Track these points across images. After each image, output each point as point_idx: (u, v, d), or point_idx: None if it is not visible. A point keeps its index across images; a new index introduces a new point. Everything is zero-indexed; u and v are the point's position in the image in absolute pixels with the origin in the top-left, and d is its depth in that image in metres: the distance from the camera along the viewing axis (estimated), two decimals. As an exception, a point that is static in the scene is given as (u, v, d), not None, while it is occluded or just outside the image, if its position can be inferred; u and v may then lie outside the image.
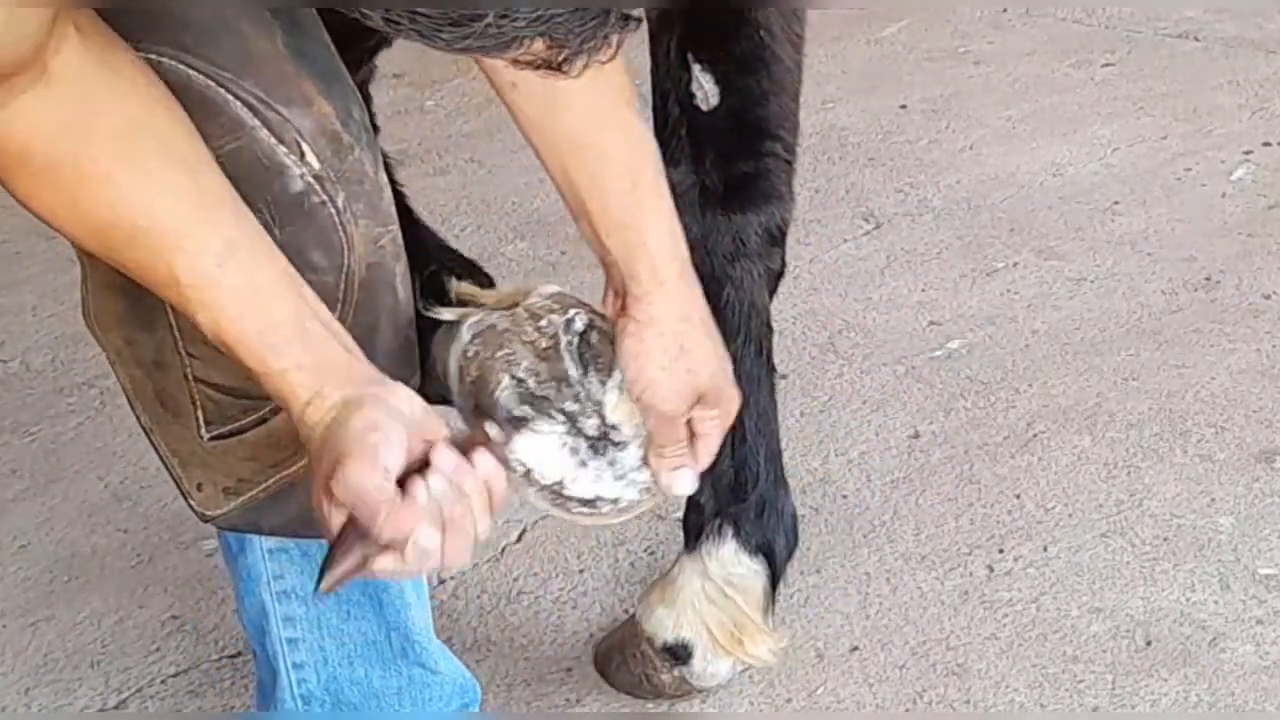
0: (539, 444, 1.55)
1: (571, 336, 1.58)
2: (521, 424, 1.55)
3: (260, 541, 1.68)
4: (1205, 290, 2.90)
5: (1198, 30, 3.85)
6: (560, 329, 1.58)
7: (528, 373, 1.55)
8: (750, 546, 2.08)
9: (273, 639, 1.74)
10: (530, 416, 1.54)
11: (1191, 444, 2.52)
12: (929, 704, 2.11)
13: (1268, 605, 2.21)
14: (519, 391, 1.55)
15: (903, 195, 3.29)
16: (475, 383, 1.56)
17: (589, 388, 1.57)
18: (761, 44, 1.92)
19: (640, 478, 1.59)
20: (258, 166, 1.41)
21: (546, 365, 1.56)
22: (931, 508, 2.44)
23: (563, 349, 1.57)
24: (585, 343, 1.59)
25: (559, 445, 1.56)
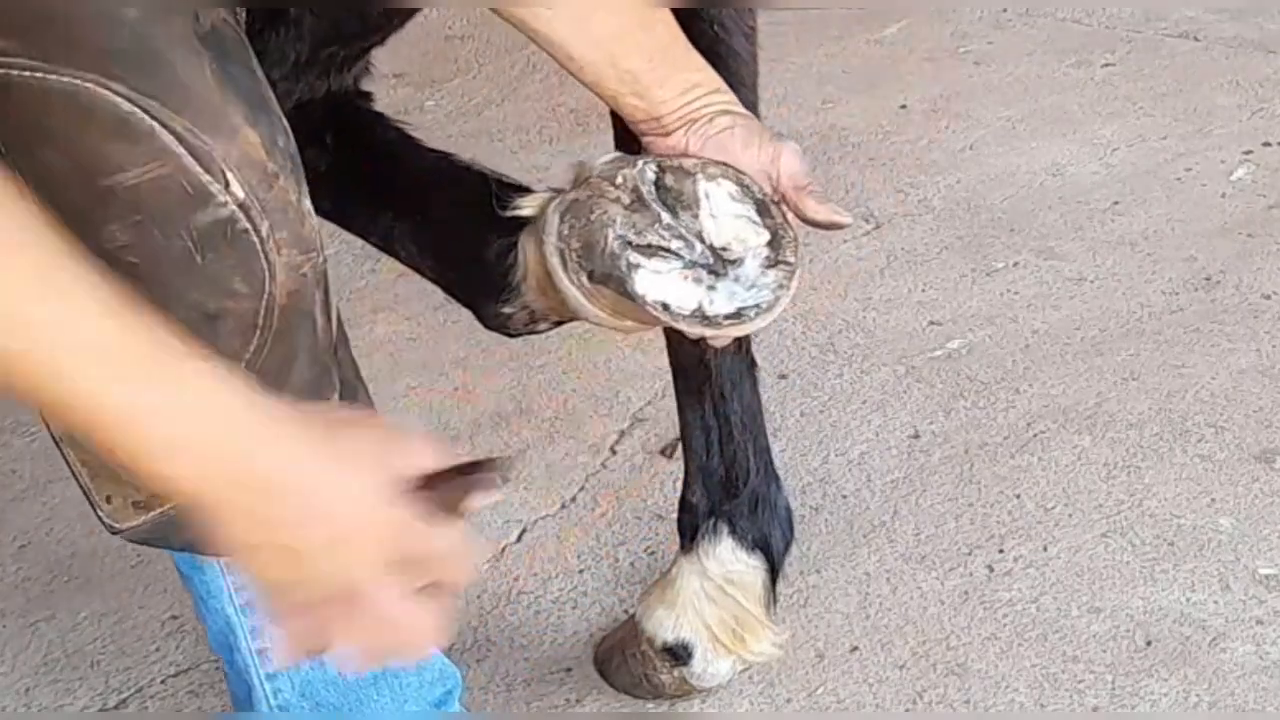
0: (664, 282, 1.59)
1: (649, 186, 1.62)
2: (638, 269, 1.58)
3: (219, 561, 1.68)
4: (1205, 290, 2.90)
5: (1198, 30, 3.84)
6: (637, 180, 1.62)
7: (625, 226, 1.59)
8: (746, 543, 2.08)
9: (242, 653, 1.74)
10: (644, 262, 1.58)
11: (1192, 444, 2.52)
12: (929, 704, 2.11)
13: (1268, 605, 2.21)
14: (626, 242, 1.59)
15: (903, 195, 3.29)
16: (582, 252, 1.60)
17: (684, 223, 1.62)
18: (716, 39, 1.91)
19: (769, 279, 1.63)
20: (182, 194, 1.40)
21: (638, 215, 1.60)
22: (931, 508, 2.44)
23: (647, 198, 1.61)
24: (662, 187, 1.63)
25: (682, 279, 1.60)
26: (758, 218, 1.64)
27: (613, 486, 2.54)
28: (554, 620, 2.29)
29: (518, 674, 2.20)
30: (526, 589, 2.35)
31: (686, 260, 1.60)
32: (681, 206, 1.62)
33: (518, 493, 2.54)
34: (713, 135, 1.65)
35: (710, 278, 1.61)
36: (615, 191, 1.61)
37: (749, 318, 1.62)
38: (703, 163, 1.65)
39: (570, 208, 1.61)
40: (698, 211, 1.63)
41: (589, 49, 1.63)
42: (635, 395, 2.73)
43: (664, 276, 1.59)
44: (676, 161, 1.64)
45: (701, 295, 1.60)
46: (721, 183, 1.64)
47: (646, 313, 1.59)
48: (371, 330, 2.95)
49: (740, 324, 1.62)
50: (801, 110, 3.61)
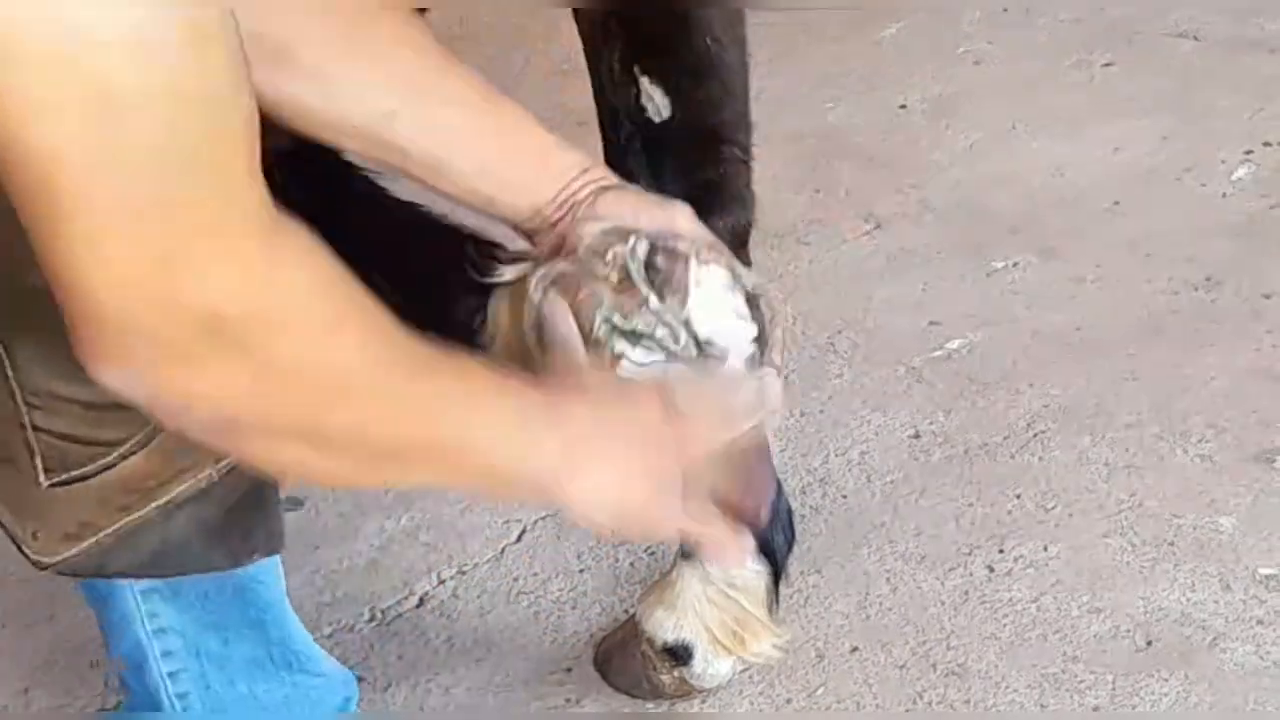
0: (646, 374, 1.54)
1: (638, 264, 1.55)
2: (621, 359, 1.53)
3: (130, 585, 1.68)
4: (1206, 290, 2.90)
5: (1198, 30, 3.84)
6: (627, 258, 1.55)
7: (611, 308, 1.54)
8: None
9: (152, 675, 1.76)
10: (628, 351, 1.53)
11: (1192, 444, 2.52)
12: (929, 704, 2.11)
13: (1268, 605, 2.21)
14: (613, 327, 1.53)
15: (903, 195, 3.29)
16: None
17: (671, 310, 1.55)
18: (708, 50, 1.90)
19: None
20: None
21: (625, 297, 1.54)
22: (932, 508, 2.44)
23: (635, 278, 1.55)
24: (653, 268, 1.56)
25: (663, 372, 1.55)
26: (746, 311, 1.58)
27: (613, 486, 2.54)
28: (554, 620, 2.29)
29: (518, 674, 2.20)
30: (526, 589, 2.35)
31: (669, 351, 1.54)
32: (670, 291, 1.55)
33: (518, 493, 2.54)
34: (600, 214, 1.59)
35: (691, 373, 1.55)
36: (605, 269, 1.54)
37: None
38: (696, 246, 1.58)
39: (556, 281, 1.55)
40: (685, 298, 1.56)
41: (454, 154, 1.57)
42: (635, 395, 2.73)
43: (644, 369, 1.54)
44: (671, 243, 1.57)
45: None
46: (714, 269, 1.57)
47: None
48: (371, 330, 2.95)
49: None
50: (801, 110, 3.61)
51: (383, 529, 2.49)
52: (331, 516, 2.52)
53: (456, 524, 2.49)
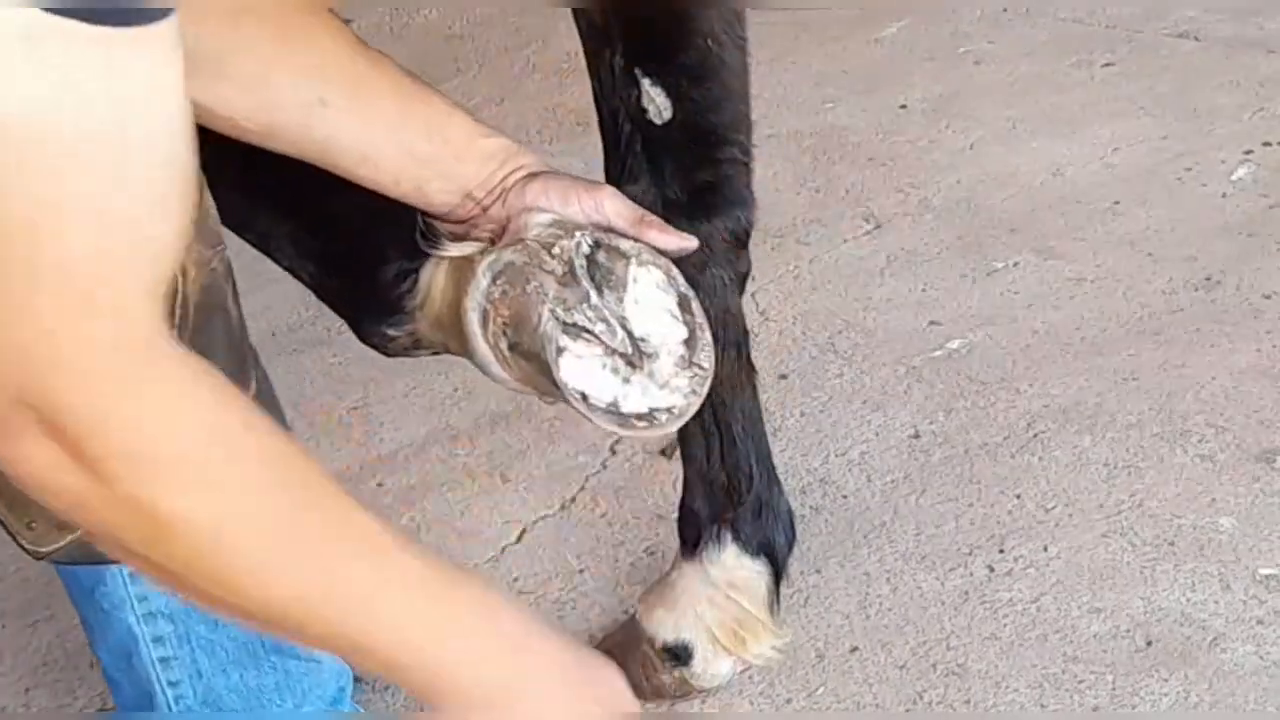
0: (584, 368, 1.56)
1: (581, 259, 1.58)
2: (564, 352, 1.55)
3: (120, 569, 1.68)
4: (1206, 290, 2.90)
5: (1198, 30, 3.84)
6: (573, 253, 1.58)
7: (556, 302, 1.56)
8: (751, 548, 2.08)
9: (143, 662, 1.75)
10: (569, 345, 1.55)
11: (1192, 444, 2.52)
12: (929, 704, 2.11)
13: (1268, 605, 2.21)
14: (557, 321, 1.55)
15: (903, 195, 3.29)
16: (510, 322, 1.56)
17: (609, 306, 1.58)
18: (709, 51, 1.90)
19: (681, 382, 1.60)
20: None
21: (570, 291, 1.57)
22: (932, 508, 2.44)
23: (578, 273, 1.57)
24: (594, 263, 1.59)
25: (600, 367, 1.57)
26: (678, 312, 1.61)
27: (613, 486, 2.54)
28: (554, 620, 2.29)
29: (518, 674, 2.20)
30: (526, 589, 2.35)
31: (607, 346, 1.57)
32: (609, 286, 1.58)
33: (518, 493, 2.54)
34: (528, 202, 1.60)
35: (627, 369, 1.57)
36: (551, 263, 1.56)
37: (659, 421, 1.59)
38: (639, 247, 1.61)
39: (505, 271, 1.57)
40: (623, 295, 1.59)
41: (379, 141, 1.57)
42: (635, 395, 2.73)
43: (585, 362, 1.56)
44: (615, 241, 1.60)
45: (618, 389, 1.57)
46: (651, 270, 1.61)
47: (562, 397, 1.56)
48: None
49: (651, 427, 1.59)
50: (801, 110, 3.61)
51: (383, 529, 2.48)
52: (331, 516, 2.52)
53: (457, 524, 2.49)
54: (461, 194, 1.61)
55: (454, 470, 2.61)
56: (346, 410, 2.77)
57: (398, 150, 1.58)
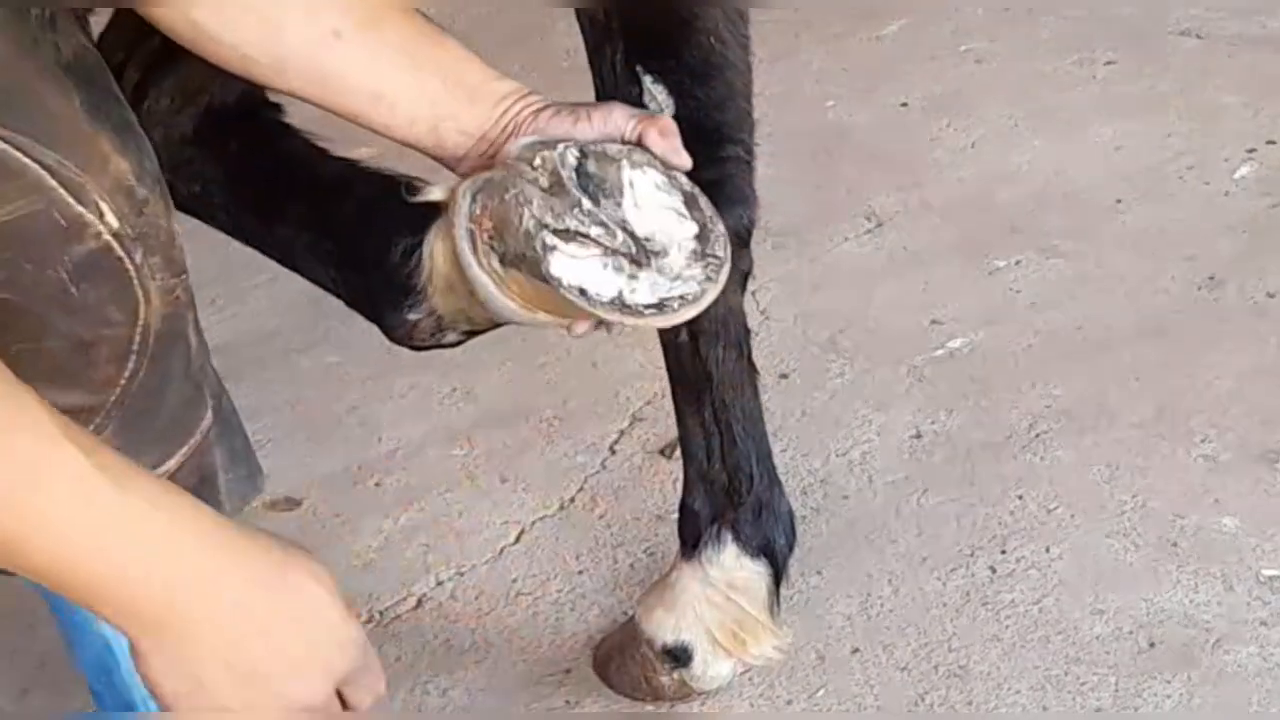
0: (581, 266, 1.51)
1: (569, 171, 1.54)
2: (554, 250, 1.51)
3: None
4: (1209, 289, 2.89)
5: (1201, 28, 3.83)
6: (557, 163, 1.54)
7: (542, 209, 1.51)
8: (751, 549, 2.07)
9: (122, 674, 1.74)
10: (561, 245, 1.51)
11: (1195, 444, 2.51)
12: (931, 706, 2.10)
13: (1271, 607, 2.20)
14: (542, 224, 1.52)
15: (904, 194, 3.28)
16: (494, 233, 1.52)
17: (606, 211, 1.54)
18: (711, 49, 1.89)
19: (695, 272, 1.55)
20: (57, 229, 1.39)
21: (557, 200, 1.53)
22: (933, 508, 2.43)
23: (566, 183, 1.53)
24: (584, 174, 1.55)
25: (601, 266, 1.52)
26: (684, 209, 1.57)
27: (612, 486, 2.53)
28: (553, 621, 2.28)
29: (516, 675, 2.19)
30: (525, 590, 2.35)
31: (607, 248, 1.52)
32: (604, 194, 1.55)
33: (516, 493, 2.54)
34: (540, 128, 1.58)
35: (632, 267, 1.53)
36: (533, 173, 1.53)
37: (672, 309, 1.54)
38: (628, 149, 1.57)
39: (484, 187, 1.53)
40: (621, 200, 1.55)
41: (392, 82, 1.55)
42: (635, 395, 2.72)
43: (582, 262, 1.51)
44: (600, 147, 1.56)
45: (622, 284, 1.52)
46: (647, 171, 1.57)
47: (561, 298, 1.50)
48: (370, 330, 2.93)
49: (663, 315, 1.53)
50: (802, 109, 3.60)
51: (381, 529, 2.48)
52: (329, 517, 2.52)
53: (455, 524, 2.48)
54: (476, 136, 1.58)
55: (453, 470, 2.60)
56: (346, 410, 2.76)
57: (412, 89, 1.55)
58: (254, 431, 2.69)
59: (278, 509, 2.53)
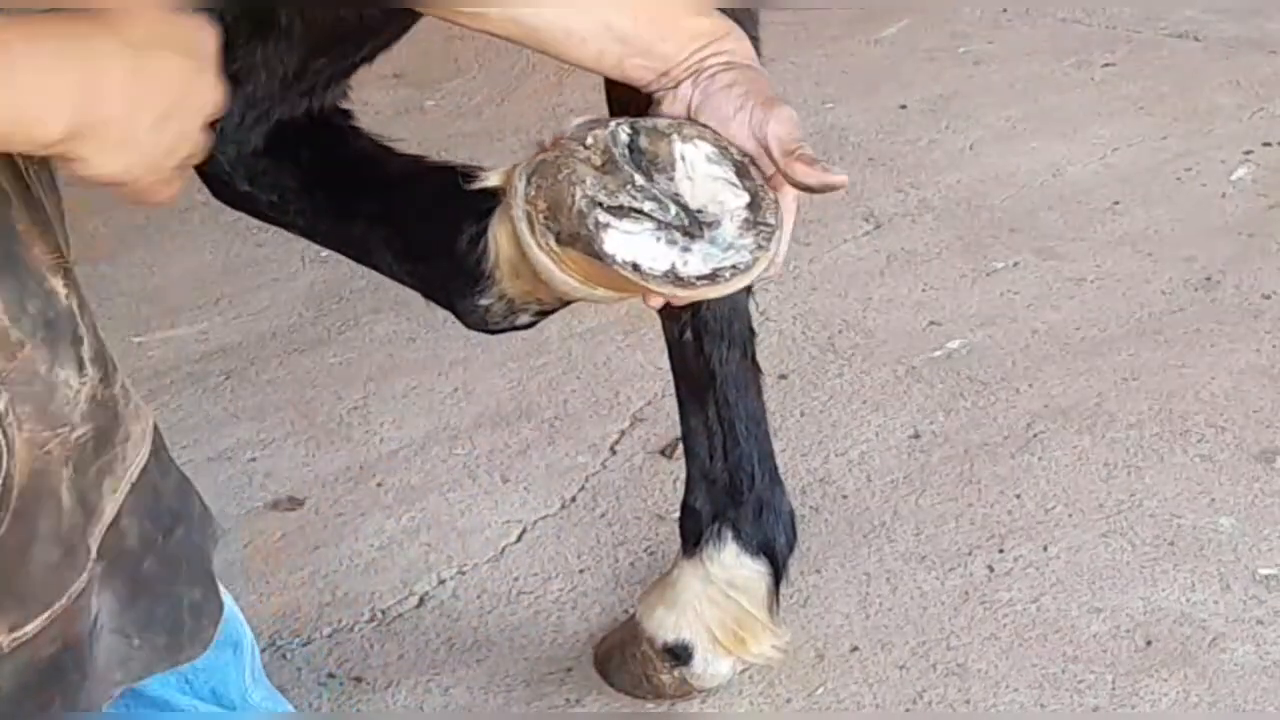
0: (635, 242, 1.53)
1: (622, 148, 1.56)
2: (607, 228, 1.52)
3: None
4: (1205, 290, 2.90)
5: (1198, 30, 3.84)
6: (609, 142, 1.56)
7: (595, 187, 1.53)
8: (752, 548, 2.08)
9: None
10: (614, 222, 1.53)
11: (1192, 444, 2.52)
12: (929, 704, 2.11)
13: (1268, 605, 2.21)
14: (595, 202, 1.53)
15: (903, 195, 3.29)
16: (549, 213, 1.54)
17: (659, 186, 1.56)
18: None
19: (747, 241, 1.56)
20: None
21: (610, 177, 1.54)
22: (932, 508, 2.44)
23: (619, 160, 1.55)
24: (636, 150, 1.57)
25: (654, 240, 1.54)
26: (736, 180, 1.58)
27: (613, 486, 2.54)
28: (554, 620, 2.29)
29: (518, 674, 2.20)
30: (526, 589, 2.35)
31: (660, 222, 1.54)
32: (656, 169, 1.56)
33: (518, 493, 2.54)
34: (712, 92, 1.57)
35: (685, 239, 1.54)
36: (585, 152, 1.54)
37: (724, 278, 1.55)
38: (678, 123, 1.58)
39: (538, 169, 1.55)
40: (673, 174, 1.56)
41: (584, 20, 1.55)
42: (635, 395, 2.73)
43: (635, 237, 1.53)
44: (650, 122, 1.58)
45: (675, 256, 1.54)
46: (698, 144, 1.57)
47: (616, 274, 1.52)
48: (371, 330, 2.95)
49: (715, 285, 1.54)
50: (801, 110, 3.57)
51: (383, 529, 2.49)
52: (331, 516, 2.52)
53: (456, 524, 2.49)
54: (658, 73, 1.57)
55: (454, 470, 2.61)
56: (347, 410, 2.77)
57: (597, 26, 1.55)
58: (256, 432, 2.72)
59: (280, 509, 2.54)
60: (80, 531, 1.41)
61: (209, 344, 2.95)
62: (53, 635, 1.40)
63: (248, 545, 2.44)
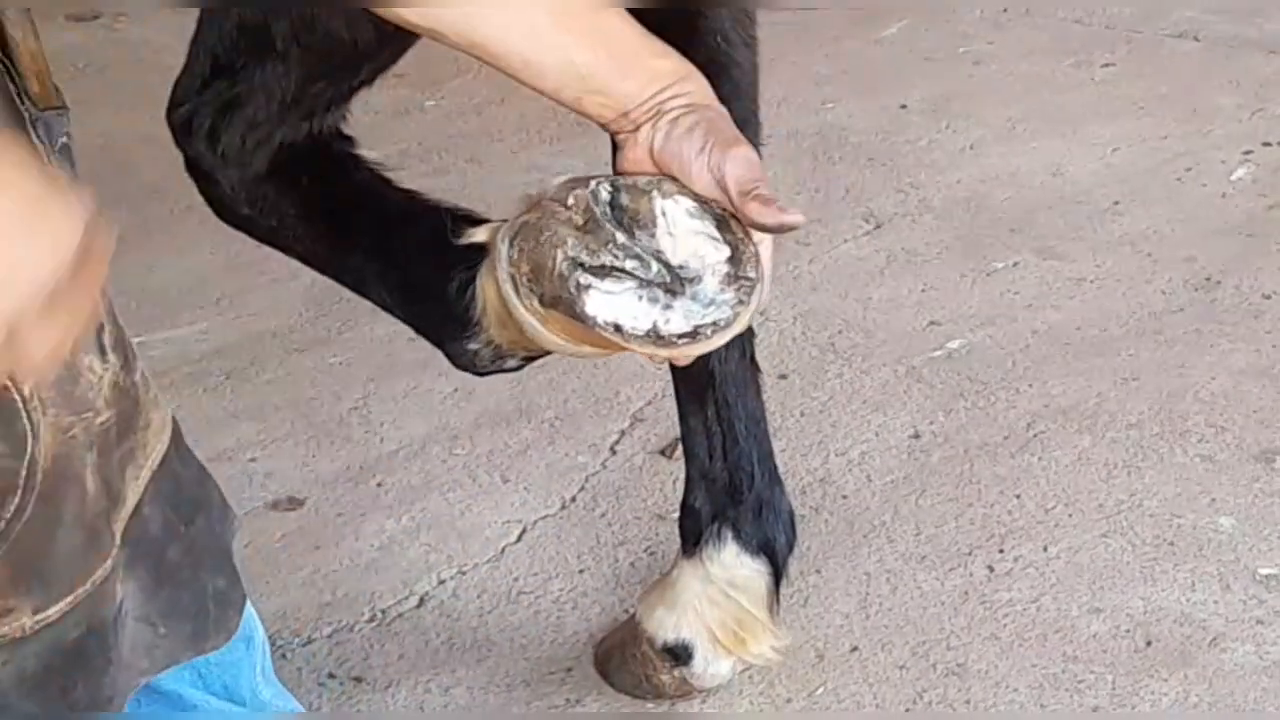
0: (616, 303, 1.54)
1: (603, 206, 1.57)
2: (589, 290, 1.54)
3: None
4: (1205, 290, 2.90)
5: (1198, 30, 3.84)
6: (590, 201, 1.56)
7: (576, 248, 1.54)
8: (751, 547, 2.08)
9: None
10: (595, 283, 1.54)
11: (1192, 444, 2.52)
12: (929, 704, 2.11)
13: (1268, 605, 2.21)
14: (577, 263, 1.54)
15: (903, 195, 3.29)
16: (532, 275, 1.55)
17: (641, 243, 1.56)
18: (718, 50, 1.90)
19: (727, 296, 1.57)
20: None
21: (591, 237, 1.55)
22: (932, 508, 2.44)
23: (600, 218, 1.56)
24: (618, 207, 1.57)
25: (636, 299, 1.55)
26: (717, 233, 1.58)
27: (613, 486, 2.54)
28: (554, 620, 2.29)
29: (518, 674, 2.20)
30: (526, 589, 2.35)
31: (642, 280, 1.55)
32: (638, 226, 1.57)
33: (518, 493, 2.54)
34: (674, 136, 1.55)
35: (666, 296, 1.55)
36: (566, 213, 1.55)
37: (705, 336, 1.57)
38: (658, 180, 1.58)
39: (520, 231, 1.56)
40: (654, 230, 1.57)
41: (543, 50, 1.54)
42: (635, 395, 2.73)
43: (617, 297, 1.54)
44: (631, 180, 1.59)
45: (656, 315, 1.54)
46: (679, 199, 1.58)
47: (599, 335, 1.53)
48: (371, 330, 2.95)
49: (696, 343, 1.55)
50: (801, 110, 3.61)
51: (383, 529, 2.49)
52: (331, 516, 2.52)
53: (456, 524, 2.49)
54: (618, 112, 1.56)
55: (454, 470, 2.61)
56: (346, 410, 2.77)
57: (559, 59, 1.54)
58: (256, 432, 2.72)
59: (280, 509, 2.54)
60: (104, 517, 1.43)
61: (209, 344, 2.95)
62: (77, 619, 1.43)
63: (248, 545, 2.44)
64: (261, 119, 1.90)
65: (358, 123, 2.03)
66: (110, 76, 3.96)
